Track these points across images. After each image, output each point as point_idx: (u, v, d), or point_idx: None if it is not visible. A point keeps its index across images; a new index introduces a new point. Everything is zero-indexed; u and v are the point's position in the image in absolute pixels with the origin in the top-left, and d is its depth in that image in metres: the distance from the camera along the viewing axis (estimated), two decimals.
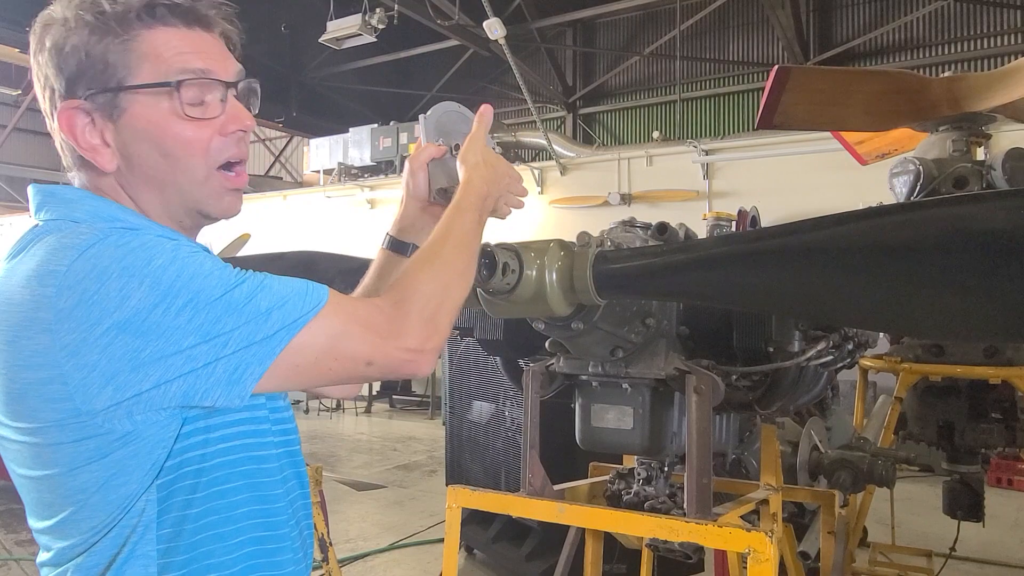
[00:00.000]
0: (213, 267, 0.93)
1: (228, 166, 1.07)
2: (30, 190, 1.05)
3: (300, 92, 16.16)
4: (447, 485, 2.50)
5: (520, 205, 1.34)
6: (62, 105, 1.00)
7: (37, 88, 1.03)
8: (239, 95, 1.08)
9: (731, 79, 14.38)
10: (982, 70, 9.32)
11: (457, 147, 1.32)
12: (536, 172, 11.66)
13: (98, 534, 0.97)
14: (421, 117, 1.37)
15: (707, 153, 10.32)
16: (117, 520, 0.96)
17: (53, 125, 1.02)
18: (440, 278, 1.08)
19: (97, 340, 0.87)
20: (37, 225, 1.00)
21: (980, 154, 3.48)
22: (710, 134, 13.68)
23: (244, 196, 1.13)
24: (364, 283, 1.37)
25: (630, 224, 1.80)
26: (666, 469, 1.93)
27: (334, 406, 12.24)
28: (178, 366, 0.89)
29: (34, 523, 1.02)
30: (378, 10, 11.15)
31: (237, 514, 1.03)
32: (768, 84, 3.14)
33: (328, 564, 3.26)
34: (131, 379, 0.88)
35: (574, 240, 1.46)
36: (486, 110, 1.31)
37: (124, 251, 0.89)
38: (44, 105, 1.03)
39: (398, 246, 1.38)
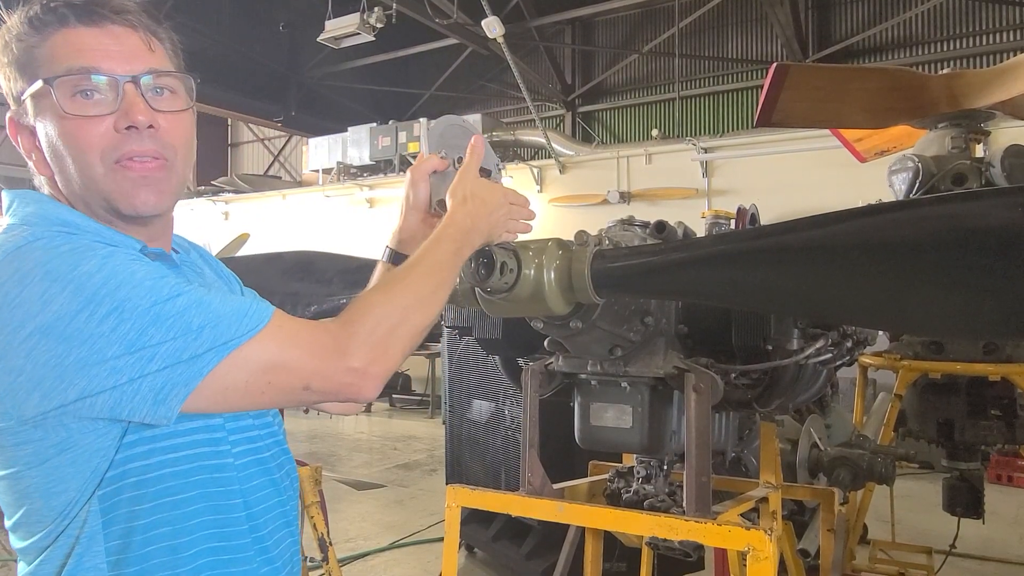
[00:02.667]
0: (146, 277, 0.90)
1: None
2: (4, 191, 1.06)
3: (299, 91, 16.15)
4: (447, 484, 2.50)
5: (527, 229, 1.34)
6: (7, 116, 1.04)
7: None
8: (144, 89, 1.03)
9: (730, 77, 14.37)
10: (981, 67, 9.32)
11: (460, 160, 1.32)
12: (535, 171, 11.66)
13: (46, 539, 0.96)
14: (425, 128, 1.37)
15: (706, 151, 10.32)
16: (61, 528, 0.95)
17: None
18: (398, 301, 1.05)
19: (21, 344, 0.85)
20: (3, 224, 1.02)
21: (979, 151, 3.48)
22: (709, 132, 13.68)
23: (243, 196, 1.12)
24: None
25: (628, 223, 1.79)
26: (665, 467, 1.92)
27: None
28: (102, 377, 0.87)
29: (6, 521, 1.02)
30: (376, 9, 11.14)
31: (191, 525, 1.00)
32: (767, 82, 3.14)
33: (328, 564, 3.25)
34: (57, 386, 0.86)
35: (572, 239, 1.46)
36: (478, 142, 1.30)
37: (51, 255, 0.88)
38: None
39: (398, 259, 1.35)
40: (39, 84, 0.99)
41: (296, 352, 0.95)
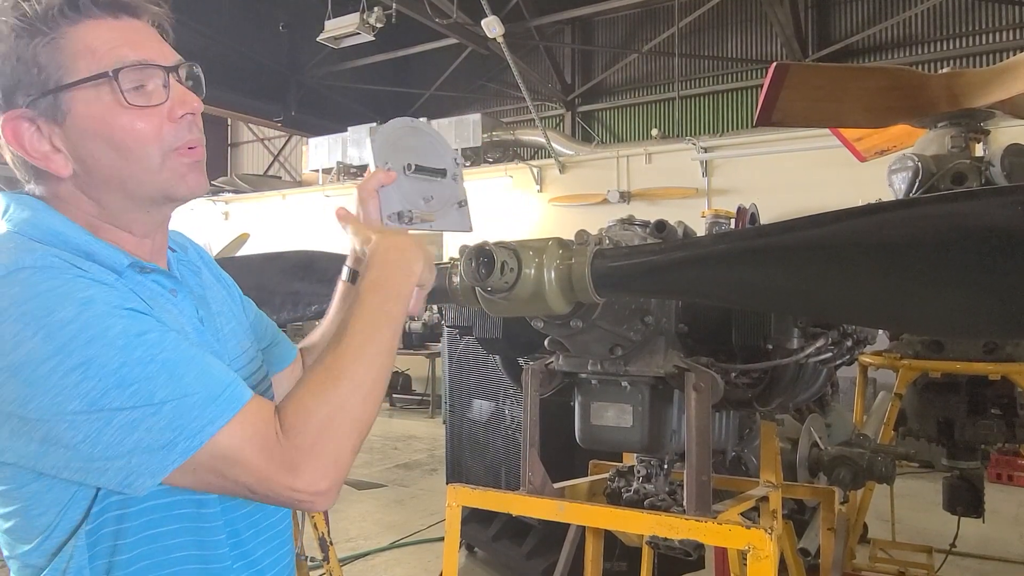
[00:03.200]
0: (119, 335, 0.86)
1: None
2: (3, 195, 1.02)
3: (299, 91, 16.15)
4: (447, 484, 2.50)
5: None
6: (4, 116, 0.96)
7: None
8: (181, 80, 1.04)
9: (730, 76, 14.37)
10: (980, 66, 9.32)
11: (412, 166, 1.28)
12: (535, 170, 11.66)
13: (33, 557, 0.95)
14: (367, 140, 1.33)
15: (706, 150, 10.32)
16: (47, 554, 0.94)
17: None
18: (336, 400, 0.94)
19: None
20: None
21: (979, 150, 3.49)
22: (709, 131, 13.68)
23: (244, 196, 1.12)
24: (328, 316, 1.35)
25: (629, 222, 1.80)
26: (666, 467, 1.93)
27: None
28: (60, 430, 0.84)
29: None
30: (376, 9, 11.15)
31: (173, 558, 0.98)
32: (767, 81, 3.14)
33: (329, 563, 3.26)
34: (20, 429, 0.85)
35: (572, 238, 1.46)
36: (381, 178, 1.24)
37: (29, 293, 0.85)
38: None
39: (358, 278, 1.35)
40: (97, 75, 0.95)
41: (253, 454, 0.90)
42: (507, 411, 4.75)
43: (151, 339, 0.88)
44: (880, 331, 2.99)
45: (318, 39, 11.88)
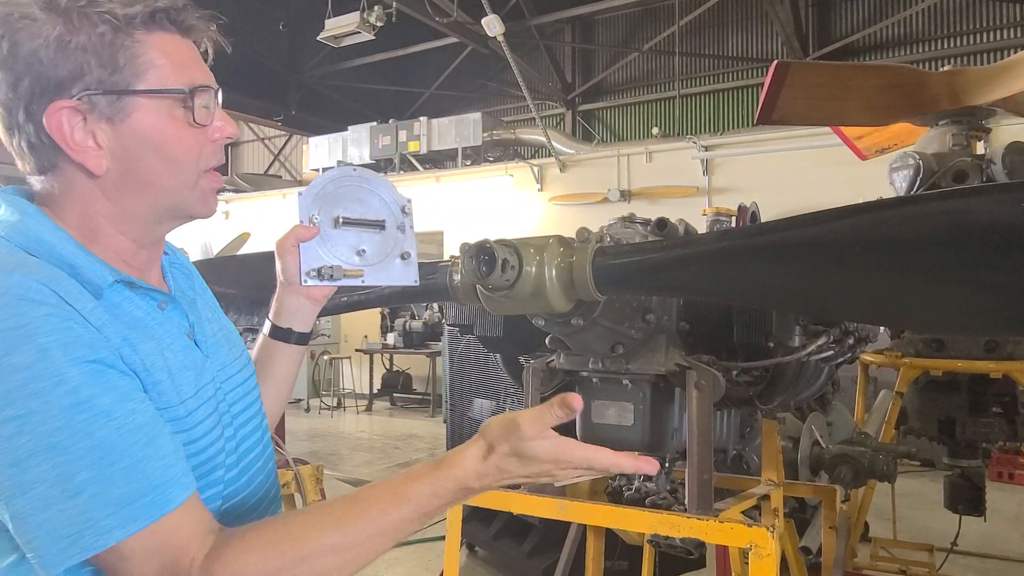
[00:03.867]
0: (66, 394, 0.82)
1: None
2: (1, 192, 1.00)
3: (299, 90, 16.14)
4: None
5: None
6: (54, 103, 0.93)
7: (2, 80, 0.94)
8: (219, 105, 1.06)
9: (730, 75, 14.37)
10: (981, 64, 9.31)
11: (341, 219, 1.24)
12: (535, 169, 11.66)
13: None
14: (297, 193, 1.27)
15: (706, 149, 10.32)
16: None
17: (21, 122, 0.95)
18: (284, 571, 0.87)
19: None
20: None
21: (980, 148, 3.48)
22: (709, 130, 13.68)
23: (244, 195, 1.12)
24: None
25: (630, 220, 1.80)
26: (667, 465, 1.93)
27: (335, 404, 12.25)
28: None
29: None
30: (376, 8, 11.15)
31: None
32: (767, 79, 3.14)
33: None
34: None
35: (573, 236, 1.46)
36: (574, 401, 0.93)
37: None
38: (1, 99, 0.94)
39: (278, 332, 1.32)
40: (174, 90, 0.98)
41: (151, 568, 0.84)
42: (508, 410, 4.76)
43: (99, 407, 0.84)
44: (881, 329, 2.99)
45: (318, 38, 11.87)
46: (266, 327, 1.33)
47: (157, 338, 0.98)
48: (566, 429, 0.95)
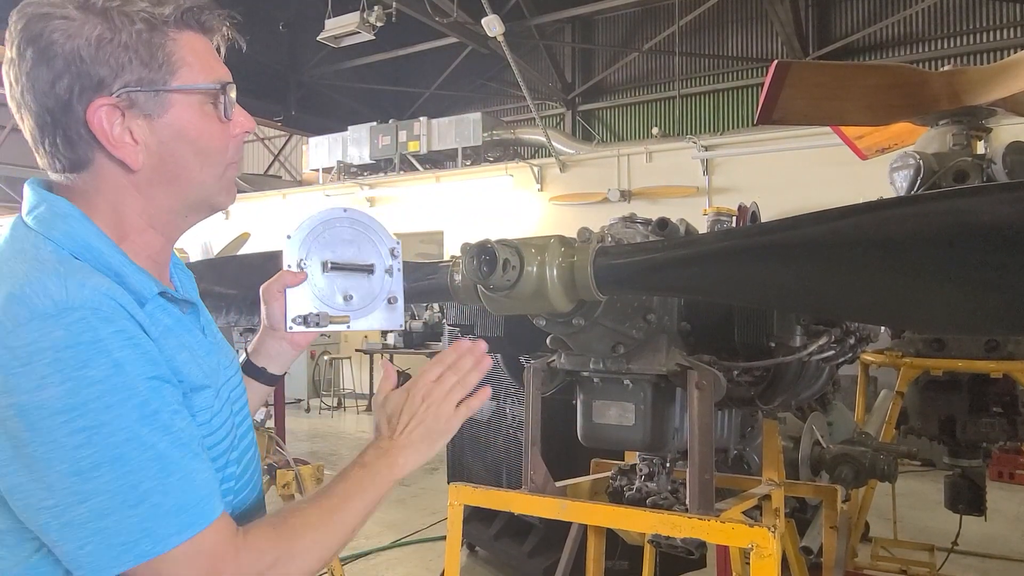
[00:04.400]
0: (135, 408, 0.88)
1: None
2: (30, 186, 1.02)
3: (299, 90, 16.15)
4: (448, 483, 2.49)
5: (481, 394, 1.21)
6: (95, 101, 0.95)
7: (31, 79, 0.95)
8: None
9: (730, 75, 14.37)
10: (981, 64, 9.31)
11: (328, 264, 1.24)
12: (535, 169, 11.66)
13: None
14: (286, 235, 1.26)
15: (707, 149, 10.31)
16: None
17: (59, 118, 0.97)
18: (292, 551, 0.99)
19: (1, 406, 0.85)
20: (23, 223, 0.98)
21: (980, 148, 3.48)
22: (709, 130, 13.68)
23: (243, 195, 1.14)
24: None
25: (630, 220, 1.79)
26: (668, 465, 1.92)
27: (335, 404, 12.25)
28: (37, 481, 0.85)
29: None
30: (376, 8, 11.14)
31: None
32: (767, 79, 3.14)
33: (330, 563, 3.26)
34: (7, 464, 0.86)
35: (574, 236, 1.46)
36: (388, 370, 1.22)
37: (69, 342, 0.85)
38: (36, 96, 0.96)
39: (251, 370, 1.33)
40: (209, 87, 1.03)
41: (198, 568, 0.91)
42: (508, 410, 4.75)
43: (160, 421, 0.90)
44: (882, 329, 2.99)
45: (318, 38, 11.87)
46: (241, 357, 1.32)
47: (189, 347, 1.03)
48: (568, 430, 0.97)
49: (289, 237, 1.26)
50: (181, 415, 0.94)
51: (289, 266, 1.25)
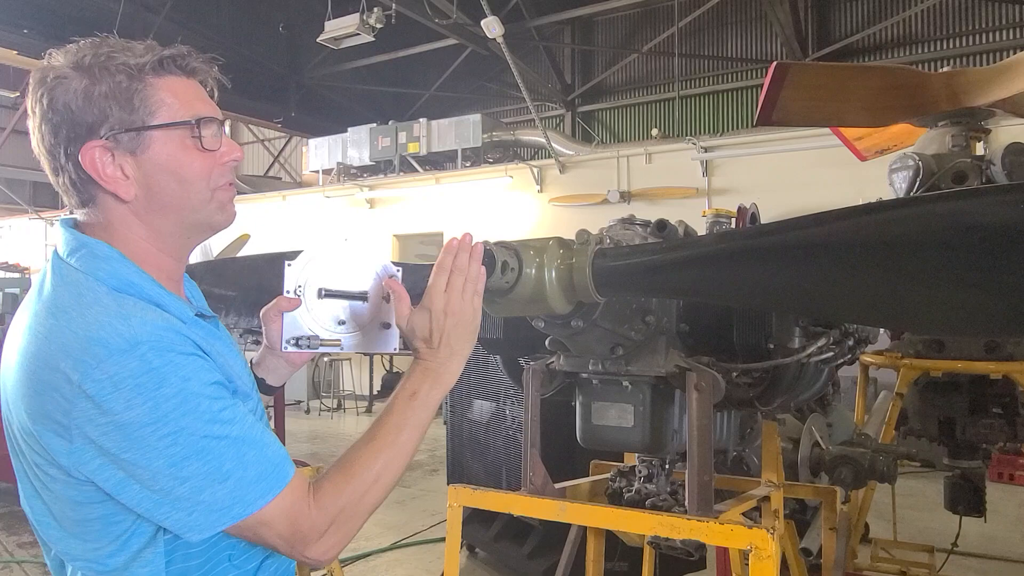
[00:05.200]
0: (207, 410, 1.07)
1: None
2: (62, 228, 1.18)
3: (298, 92, 16.15)
4: (448, 484, 2.49)
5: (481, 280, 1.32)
6: (87, 144, 1.12)
7: (42, 132, 1.13)
8: (225, 132, 1.22)
9: (729, 76, 14.38)
10: (981, 65, 9.32)
11: (323, 291, 1.34)
12: (535, 170, 11.67)
13: (107, 560, 1.11)
14: (286, 263, 1.36)
15: (706, 150, 10.32)
16: (122, 555, 1.11)
17: (63, 163, 1.13)
18: (358, 490, 1.15)
19: (100, 427, 1.03)
20: (67, 264, 1.13)
21: (979, 149, 3.48)
22: (709, 131, 13.69)
23: (244, 196, 1.20)
24: None
25: (629, 222, 1.79)
26: (667, 466, 1.92)
27: (335, 406, 12.24)
28: (143, 478, 1.05)
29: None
30: (376, 9, 11.14)
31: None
32: (767, 80, 3.14)
33: (330, 564, 3.26)
34: (113, 464, 1.04)
35: (573, 238, 1.46)
36: (392, 286, 1.32)
37: (144, 369, 1.04)
38: (47, 145, 1.14)
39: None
40: (182, 122, 1.15)
41: (285, 525, 1.11)
42: (507, 411, 4.75)
43: (227, 416, 1.09)
44: (881, 330, 2.99)
45: (318, 40, 11.87)
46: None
47: (224, 357, 1.18)
48: (567, 431, 0.97)
49: (289, 265, 1.35)
50: (239, 406, 1.13)
51: (288, 292, 1.35)
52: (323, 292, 1.34)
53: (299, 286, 1.34)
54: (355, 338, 1.37)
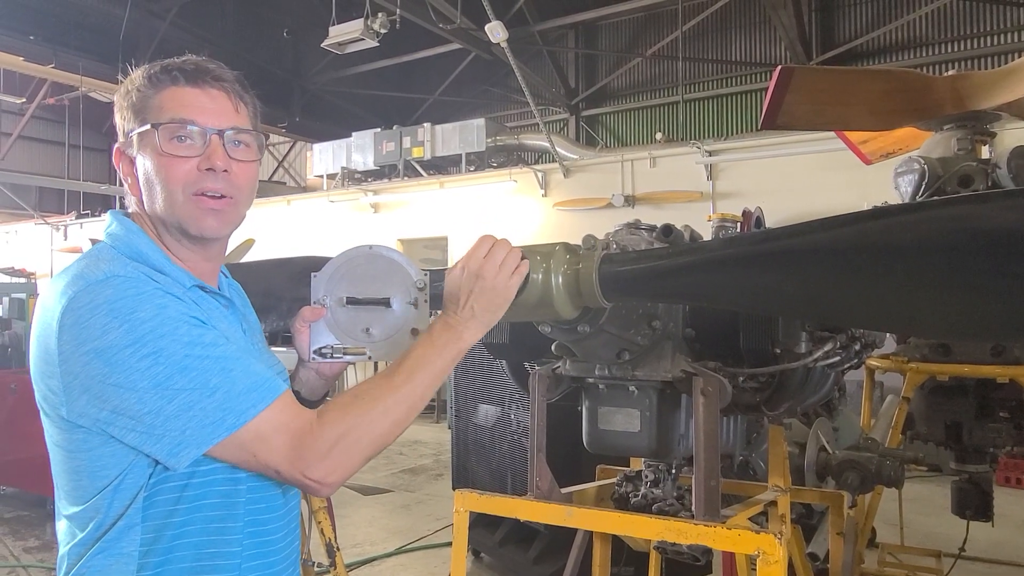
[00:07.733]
0: (186, 333, 1.11)
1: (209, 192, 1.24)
2: (111, 214, 1.29)
3: (303, 97, 16.19)
4: (454, 489, 2.49)
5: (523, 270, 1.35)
6: (115, 147, 1.28)
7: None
8: (226, 141, 1.24)
9: (734, 80, 14.38)
10: (986, 68, 9.30)
11: (345, 299, 1.34)
12: (539, 175, 11.67)
13: (90, 513, 1.15)
14: (312, 274, 1.37)
15: (711, 154, 10.31)
16: (103, 509, 1.14)
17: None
18: (366, 417, 1.16)
19: (80, 357, 1.08)
20: (101, 240, 1.24)
21: (985, 152, 3.48)
22: (713, 135, 13.68)
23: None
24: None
25: (635, 226, 1.79)
26: (674, 471, 1.92)
27: None
28: (131, 403, 1.07)
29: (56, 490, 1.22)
30: (380, 14, 11.16)
31: (208, 528, 1.18)
32: (771, 84, 3.13)
33: (335, 569, 3.26)
34: (98, 396, 1.08)
35: (579, 243, 1.46)
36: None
37: (118, 294, 1.10)
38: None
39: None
40: (147, 126, 1.22)
41: (280, 440, 1.12)
42: (513, 416, 4.75)
43: (208, 339, 1.12)
44: (887, 335, 2.98)
45: (322, 45, 11.87)
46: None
47: (227, 325, 1.23)
48: (573, 436, 0.97)
49: (315, 276, 1.36)
50: (226, 338, 1.16)
51: (315, 302, 1.36)
52: (347, 300, 1.34)
53: (322, 296, 1.35)
54: (383, 346, 1.36)
